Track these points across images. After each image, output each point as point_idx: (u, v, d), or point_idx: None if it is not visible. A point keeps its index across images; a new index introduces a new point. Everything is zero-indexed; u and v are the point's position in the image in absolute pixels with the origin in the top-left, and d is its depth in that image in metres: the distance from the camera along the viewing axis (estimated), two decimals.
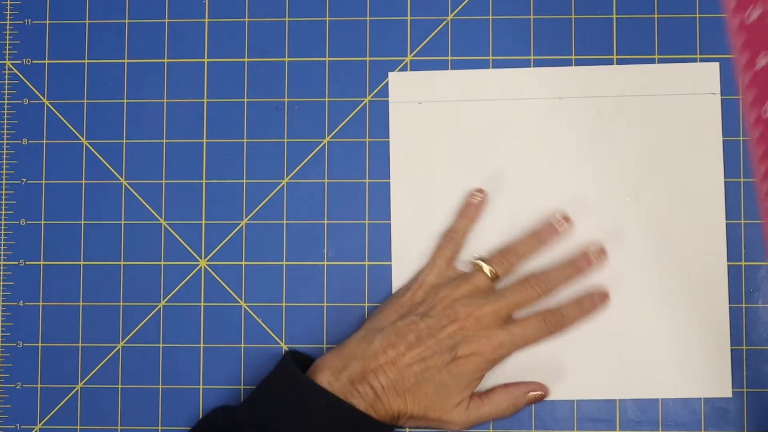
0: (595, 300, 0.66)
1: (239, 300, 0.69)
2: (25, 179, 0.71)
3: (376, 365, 0.62)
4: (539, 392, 0.66)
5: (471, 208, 0.68)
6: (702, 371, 0.67)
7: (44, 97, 0.71)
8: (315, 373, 0.63)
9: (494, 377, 0.66)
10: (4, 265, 0.70)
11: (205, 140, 0.70)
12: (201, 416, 0.68)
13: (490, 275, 0.65)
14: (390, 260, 0.69)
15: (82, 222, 0.70)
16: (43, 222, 0.70)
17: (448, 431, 0.65)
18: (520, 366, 0.67)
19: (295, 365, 0.63)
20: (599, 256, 0.67)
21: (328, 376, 0.63)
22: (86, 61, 0.71)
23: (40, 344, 0.70)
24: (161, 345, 0.69)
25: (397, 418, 0.63)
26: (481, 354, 0.63)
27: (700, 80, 0.68)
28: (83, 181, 0.71)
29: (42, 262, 0.70)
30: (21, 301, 0.70)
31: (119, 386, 0.69)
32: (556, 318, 0.65)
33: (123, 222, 0.70)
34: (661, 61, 0.69)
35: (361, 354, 0.63)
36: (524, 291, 0.65)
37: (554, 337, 0.65)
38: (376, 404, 0.62)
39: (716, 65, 0.69)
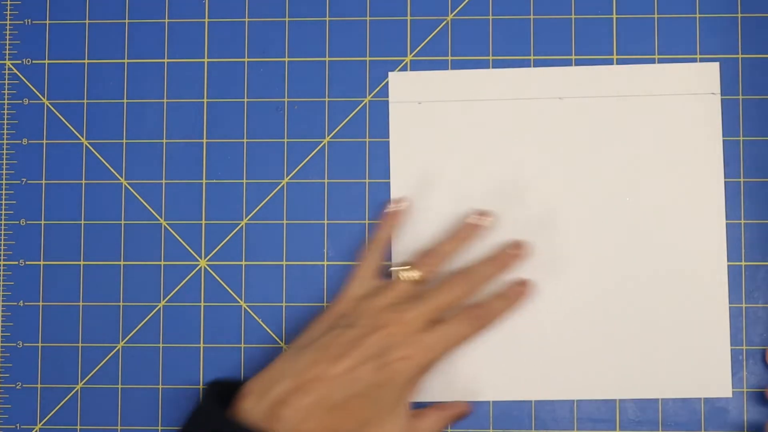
0: (520, 290, 0.66)
1: (239, 300, 0.69)
2: (25, 179, 0.71)
3: (303, 382, 0.60)
4: (460, 410, 0.66)
5: (391, 217, 0.67)
6: (702, 371, 0.67)
7: (44, 97, 0.71)
8: (239, 399, 0.60)
9: (490, 378, 0.66)
10: (4, 265, 0.70)
11: (205, 140, 0.70)
12: None
13: (413, 279, 0.65)
14: (390, 260, 0.69)
15: (82, 222, 0.70)
16: (43, 222, 0.70)
17: None
18: (521, 366, 0.67)
19: (215, 398, 0.61)
20: (518, 250, 0.66)
21: (251, 402, 0.60)
22: (86, 61, 0.71)
23: (40, 344, 0.70)
24: (161, 345, 0.69)
25: None
26: (410, 358, 0.61)
27: (700, 80, 0.69)
28: (83, 181, 0.71)
29: (42, 262, 0.70)
30: (21, 301, 0.70)
31: (119, 386, 0.69)
32: (482, 312, 0.64)
33: (123, 222, 0.70)
34: (661, 61, 0.69)
35: (287, 373, 0.60)
36: (449, 291, 0.64)
37: (483, 333, 0.65)
38: (300, 426, 0.59)
39: (716, 65, 0.69)
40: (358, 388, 0.60)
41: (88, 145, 0.71)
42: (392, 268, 0.66)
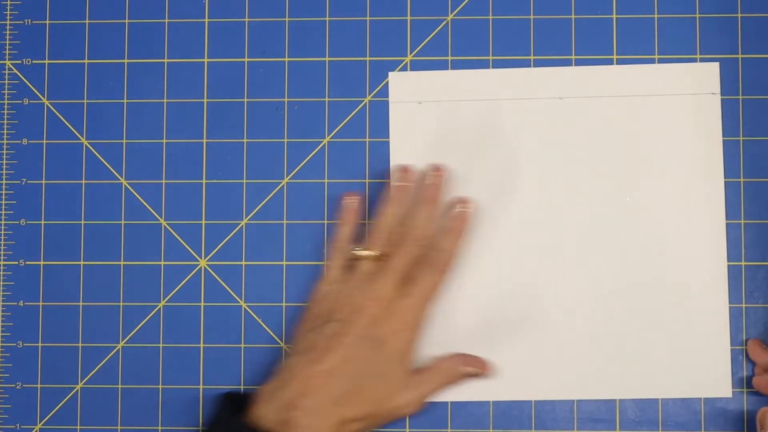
0: (461, 215, 0.66)
1: (239, 300, 0.69)
2: (25, 179, 0.71)
3: (303, 385, 0.61)
4: (471, 368, 0.65)
5: (348, 213, 0.68)
6: (702, 371, 0.67)
7: (44, 97, 0.71)
8: (252, 408, 0.62)
9: (491, 378, 0.67)
10: (4, 265, 0.70)
11: (205, 140, 0.70)
12: (201, 417, 0.69)
13: (370, 258, 0.65)
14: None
15: (82, 222, 0.70)
16: (43, 222, 0.70)
17: (403, 417, 0.65)
18: (521, 366, 0.67)
19: (230, 407, 0.62)
20: (432, 178, 0.66)
21: (263, 410, 0.62)
22: (86, 61, 0.71)
23: (40, 344, 0.70)
24: (161, 345, 0.69)
25: (342, 426, 0.61)
26: (399, 328, 0.63)
27: (700, 80, 0.68)
28: (83, 181, 0.71)
29: (42, 262, 0.70)
30: (21, 301, 0.70)
31: (119, 386, 0.69)
32: (435, 256, 0.65)
33: (123, 222, 0.70)
34: (661, 61, 0.69)
35: (285, 381, 0.62)
36: (402, 252, 0.65)
37: (449, 273, 0.65)
38: (312, 424, 0.61)
39: (716, 65, 0.69)
40: (360, 373, 0.62)
41: (88, 145, 0.71)
42: (350, 254, 0.66)
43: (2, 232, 0.71)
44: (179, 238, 0.70)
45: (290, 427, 0.61)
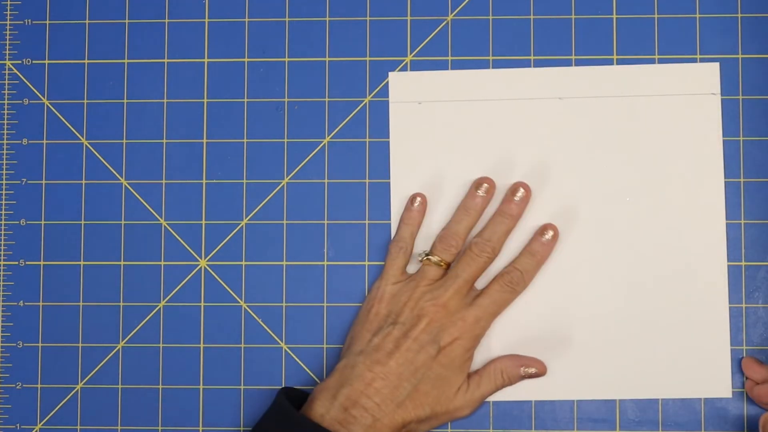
0: (544, 240, 0.66)
1: (239, 300, 0.69)
2: (25, 179, 0.71)
3: (366, 385, 0.62)
4: (533, 369, 0.66)
5: (413, 214, 0.68)
6: (702, 371, 0.67)
7: (44, 97, 0.71)
8: (309, 405, 0.63)
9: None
10: (4, 265, 0.70)
11: (205, 140, 0.70)
12: (201, 417, 0.69)
13: (439, 265, 0.66)
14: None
15: (82, 222, 0.70)
16: (43, 222, 0.70)
17: (459, 418, 0.65)
18: None
19: (288, 401, 0.63)
20: (521, 193, 0.67)
21: (321, 408, 0.63)
22: (86, 61, 0.71)
23: (40, 344, 0.70)
24: (161, 345, 0.69)
25: (402, 427, 0.63)
26: (461, 336, 0.64)
27: (700, 80, 0.69)
28: (83, 181, 0.71)
29: (42, 262, 0.70)
30: (21, 301, 0.70)
31: (119, 386, 0.69)
32: (514, 276, 0.65)
33: (123, 222, 0.70)
34: (661, 61, 0.69)
35: (347, 380, 0.63)
36: (472, 262, 0.65)
37: (522, 292, 0.66)
38: (375, 424, 0.62)
39: (716, 65, 0.69)
40: (422, 376, 0.63)
41: (88, 145, 0.71)
42: (418, 259, 0.67)
43: (2, 232, 0.71)
44: (179, 238, 0.70)
45: (351, 425, 0.62)
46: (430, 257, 0.66)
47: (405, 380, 0.63)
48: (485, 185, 0.67)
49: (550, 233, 0.66)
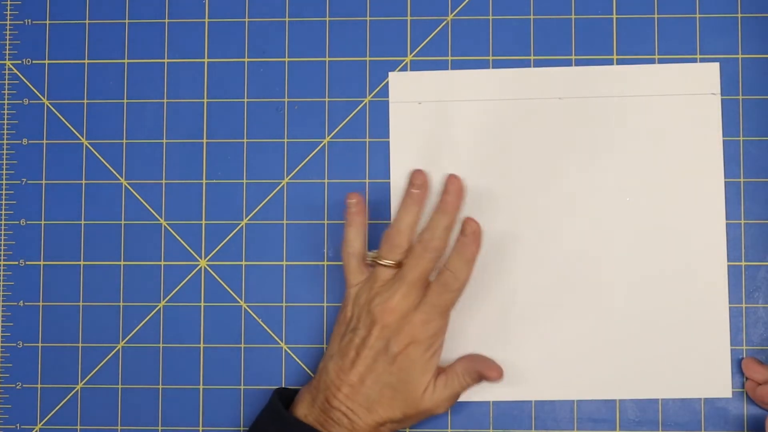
0: (466, 238, 0.65)
1: (239, 300, 0.69)
2: (25, 179, 0.71)
3: (336, 391, 0.63)
4: (492, 374, 0.65)
5: (351, 217, 0.67)
6: (702, 371, 0.67)
7: (44, 97, 0.71)
8: (295, 405, 0.65)
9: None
10: (4, 265, 0.70)
11: (205, 140, 0.70)
12: (201, 417, 0.69)
13: (388, 266, 0.65)
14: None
15: (82, 222, 0.70)
16: (43, 222, 0.70)
17: (437, 415, 0.65)
18: (521, 366, 0.67)
19: (280, 401, 0.64)
20: (455, 187, 0.66)
21: (304, 409, 0.64)
22: (86, 61, 0.71)
23: (40, 344, 0.70)
24: (161, 345, 0.69)
25: (380, 426, 0.64)
26: (414, 340, 0.63)
27: (700, 80, 0.68)
28: (83, 181, 0.71)
29: (42, 262, 0.70)
30: (21, 301, 0.70)
31: (119, 386, 0.69)
32: (447, 277, 0.64)
33: (123, 222, 0.70)
34: (661, 61, 0.69)
35: (323, 385, 0.64)
36: (418, 261, 0.64)
37: (464, 290, 0.65)
38: (354, 426, 0.63)
39: (716, 65, 0.69)
40: (384, 382, 0.63)
41: (88, 145, 0.71)
42: (368, 260, 0.66)
43: (2, 232, 0.71)
44: (179, 238, 0.70)
45: (332, 427, 0.63)
46: (376, 259, 0.65)
47: (368, 387, 0.63)
48: (416, 178, 0.66)
49: (472, 228, 0.65)
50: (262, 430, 0.64)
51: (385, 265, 0.65)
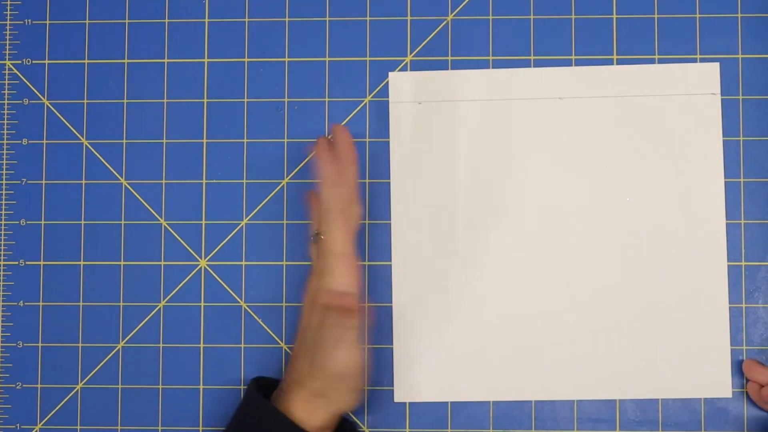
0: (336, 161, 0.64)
1: (239, 300, 0.69)
2: (25, 179, 0.71)
3: (287, 375, 0.63)
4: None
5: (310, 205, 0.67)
6: (702, 371, 0.67)
7: (44, 97, 0.71)
8: (279, 395, 0.63)
9: (490, 378, 0.66)
10: (4, 265, 0.70)
11: (205, 140, 0.70)
12: (201, 417, 0.69)
13: (314, 240, 0.64)
14: (390, 260, 0.69)
15: (82, 222, 0.70)
16: (43, 222, 0.70)
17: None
18: (521, 366, 0.67)
19: (259, 392, 0.62)
20: (344, 135, 0.65)
21: (290, 398, 0.62)
22: (86, 61, 0.71)
23: (40, 344, 0.70)
24: (161, 345, 0.69)
25: (311, 401, 0.62)
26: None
27: (700, 80, 0.69)
28: (83, 181, 0.71)
29: (42, 262, 0.70)
30: (21, 301, 0.70)
31: (119, 386, 0.69)
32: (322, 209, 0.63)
33: (123, 222, 0.70)
34: (661, 61, 0.69)
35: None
36: (334, 220, 0.63)
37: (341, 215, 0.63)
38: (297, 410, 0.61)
39: (716, 65, 0.69)
40: (309, 348, 0.62)
41: (88, 145, 0.71)
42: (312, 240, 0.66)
43: (2, 232, 0.71)
44: (179, 238, 0.70)
45: (315, 409, 0.61)
46: (314, 234, 0.65)
47: (300, 359, 0.62)
48: (321, 143, 0.65)
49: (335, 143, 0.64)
50: (244, 422, 0.62)
51: (313, 241, 0.65)
